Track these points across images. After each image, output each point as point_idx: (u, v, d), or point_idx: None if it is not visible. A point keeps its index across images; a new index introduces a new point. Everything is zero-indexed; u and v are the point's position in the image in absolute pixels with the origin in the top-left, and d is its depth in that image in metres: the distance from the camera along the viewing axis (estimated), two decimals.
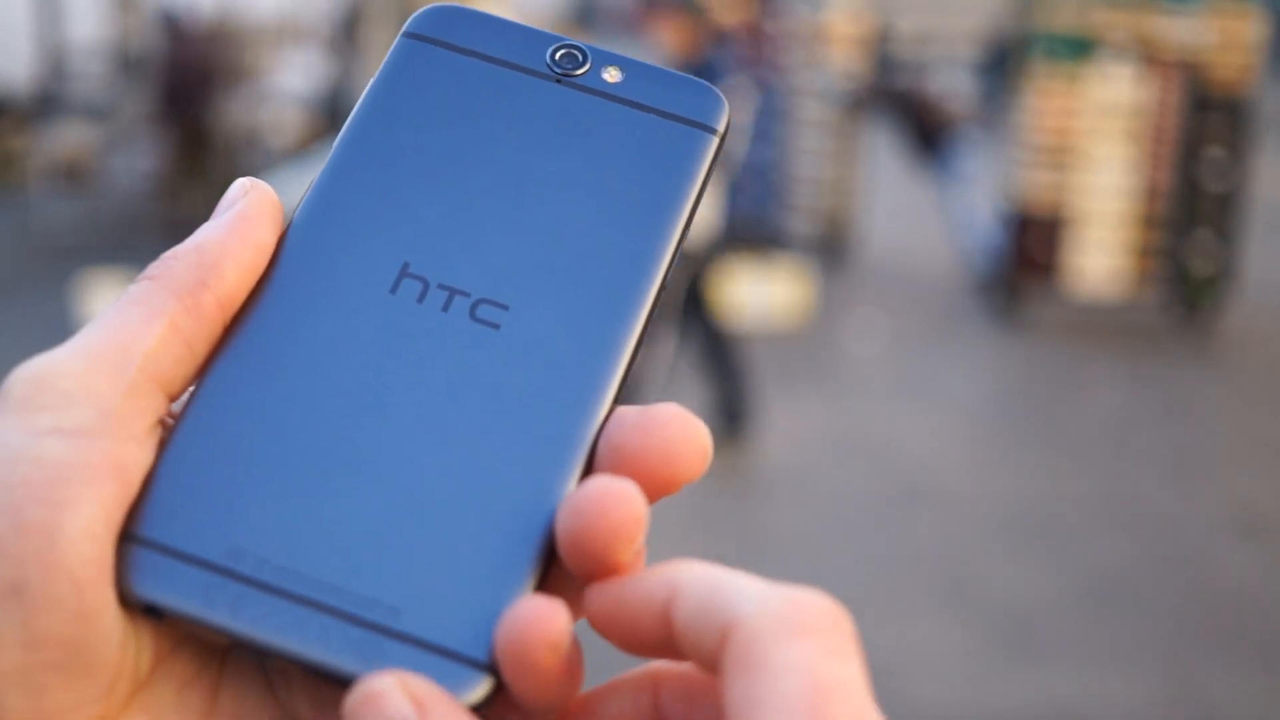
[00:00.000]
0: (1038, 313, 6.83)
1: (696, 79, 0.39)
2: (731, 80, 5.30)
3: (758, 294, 6.69)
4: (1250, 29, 6.68)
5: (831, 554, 4.12)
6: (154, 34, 9.01)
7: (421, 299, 0.35)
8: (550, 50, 0.39)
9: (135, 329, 0.33)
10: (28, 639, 0.29)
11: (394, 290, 0.35)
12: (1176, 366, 6.21)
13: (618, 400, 0.35)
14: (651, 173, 0.38)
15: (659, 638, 0.31)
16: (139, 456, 0.32)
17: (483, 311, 0.35)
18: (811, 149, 7.70)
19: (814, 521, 4.36)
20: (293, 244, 0.36)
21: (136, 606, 0.32)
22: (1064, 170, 6.72)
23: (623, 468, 0.33)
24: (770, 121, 7.32)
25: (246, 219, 0.36)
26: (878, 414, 5.43)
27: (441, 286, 0.35)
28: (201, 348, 0.34)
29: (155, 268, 0.35)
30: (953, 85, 16.34)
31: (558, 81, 0.39)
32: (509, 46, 0.39)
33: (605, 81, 0.39)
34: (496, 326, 0.35)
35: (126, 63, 11.81)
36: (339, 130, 0.38)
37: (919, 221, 9.40)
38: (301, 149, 8.58)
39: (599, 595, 0.32)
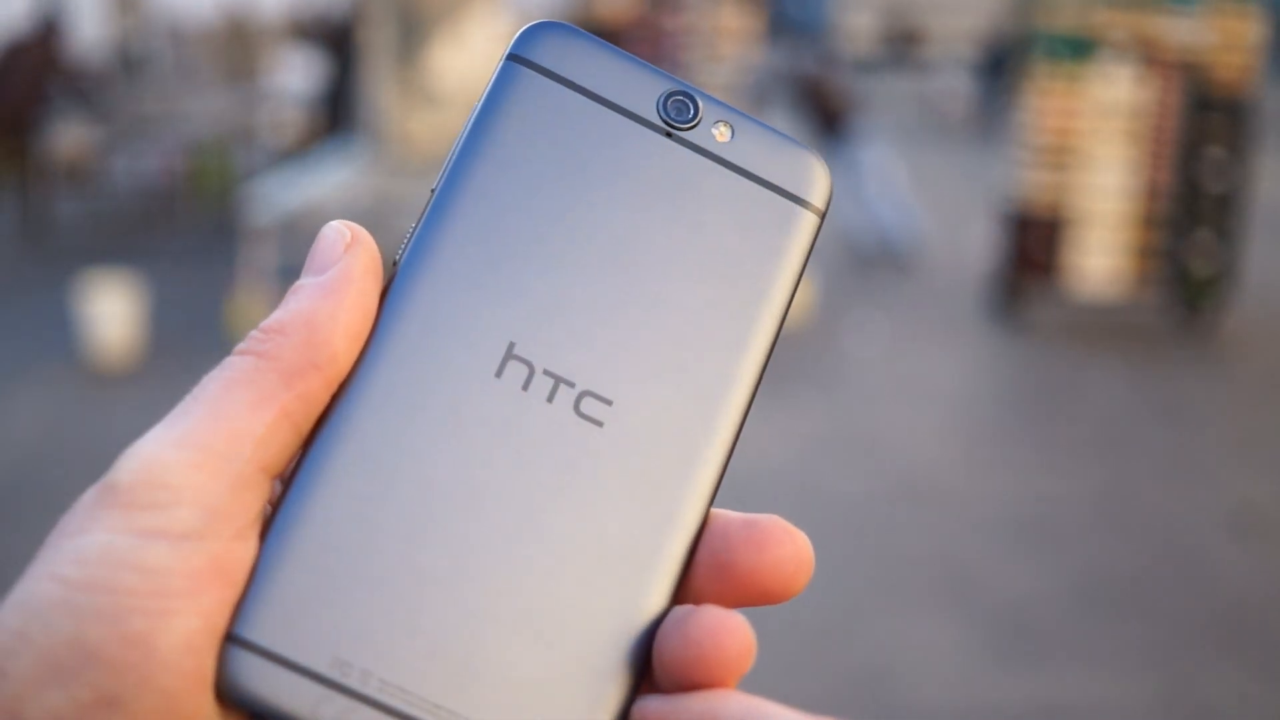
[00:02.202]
0: (1038, 313, 6.83)
1: (802, 145, 0.38)
2: None
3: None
4: (1250, 29, 6.68)
5: (830, 554, 4.12)
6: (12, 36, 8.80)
7: (526, 386, 0.34)
8: (662, 96, 0.37)
9: (244, 416, 0.32)
10: None
11: (499, 374, 0.34)
12: (1176, 367, 6.21)
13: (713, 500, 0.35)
14: (755, 251, 0.36)
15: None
16: (244, 554, 0.32)
17: (587, 406, 0.34)
18: None
19: (813, 521, 4.36)
20: (397, 306, 0.35)
21: (240, 711, 0.31)
22: (1064, 170, 6.72)
23: (730, 582, 0.35)
24: None
25: (355, 285, 0.35)
26: (878, 414, 5.43)
27: (547, 373, 0.34)
28: (307, 428, 0.34)
29: (263, 343, 0.34)
30: (952, 85, 16.34)
31: (668, 135, 0.37)
32: (620, 85, 0.37)
33: (714, 139, 0.37)
34: (600, 424, 0.34)
35: (127, 63, 11.80)
36: (342, 131, 0.37)
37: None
38: (300, 149, 8.58)
39: (647, 713, 0.33)
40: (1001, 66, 14.30)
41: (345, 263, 0.35)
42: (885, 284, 7.53)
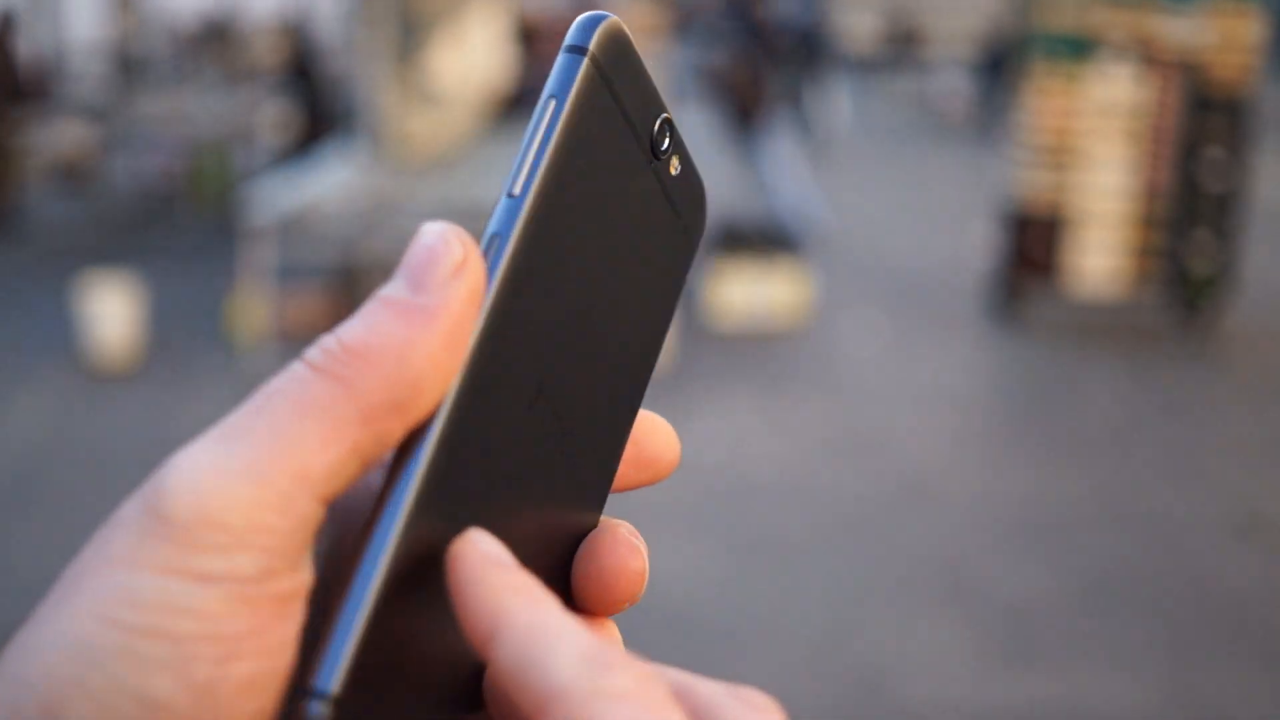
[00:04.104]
0: (1037, 312, 6.83)
1: (700, 177, 0.39)
2: None
3: (758, 294, 6.69)
4: (1250, 29, 6.68)
5: (831, 554, 4.12)
6: None
7: (543, 423, 0.35)
8: (657, 120, 0.37)
9: (314, 451, 0.30)
10: None
11: (529, 409, 0.34)
12: (1176, 366, 6.21)
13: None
14: (670, 284, 0.38)
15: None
16: (300, 586, 0.30)
17: (567, 428, 0.36)
18: None
19: (813, 521, 4.36)
20: (478, 338, 0.33)
21: None
22: (1064, 170, 6.72)
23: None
24: None
25: (456, 320, 0.31)
26: (877, 414, 5.43)
27: (555, 414, 0.35)
28: (375, 464, 0.31)
29: (344, 365, 0.30)
30: (952, 85, 16.34)
31: (650, 163, 0.37)
32: (639, 101, 0.36)
33: (669, 174, 0.37)
34: (572, 434, 0.36)
35: (126, 63, 11.80)
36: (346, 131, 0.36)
37: (910, 221, 9.41)
38: (299, 149, 8.58)
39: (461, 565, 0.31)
40: (1001, 66, 14.29)
41: (451, 291, 0.31)
42: (885, 284, 7.53)
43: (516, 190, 0.33)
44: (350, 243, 5.95)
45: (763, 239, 7.10)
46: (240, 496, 0.29)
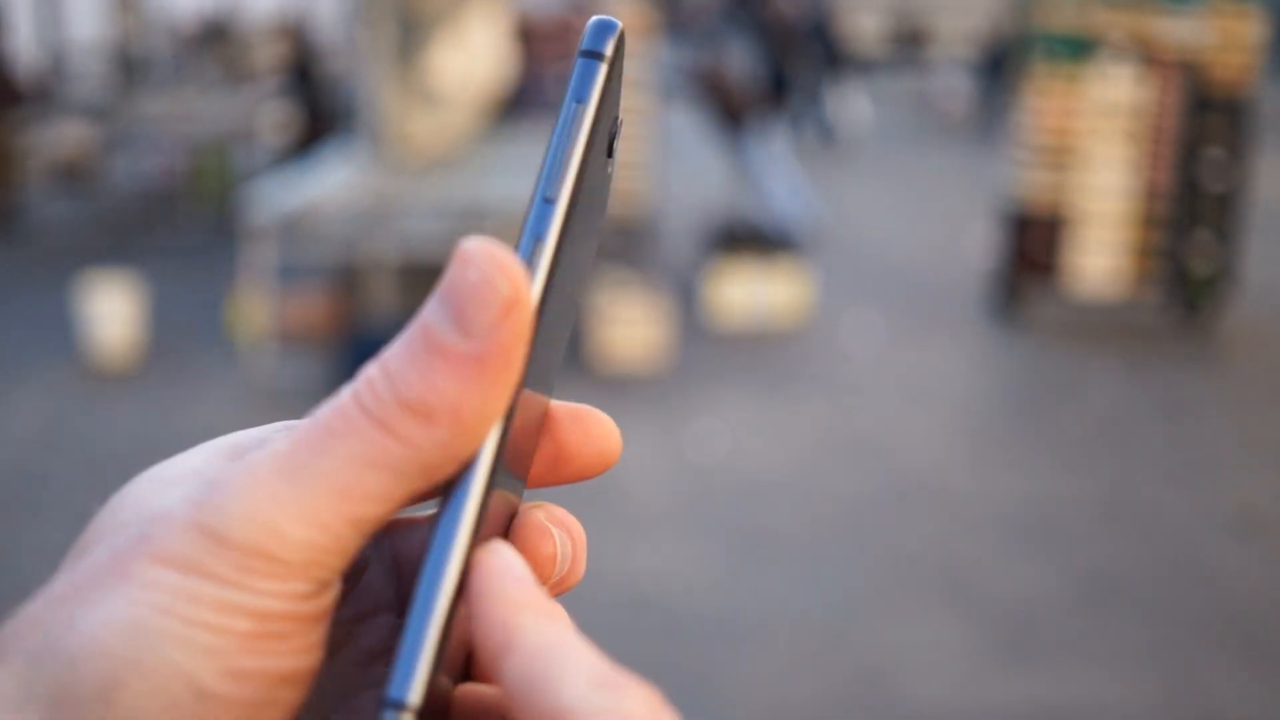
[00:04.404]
0: (1038, 313, 6.83)
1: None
2: None
3: (757, 294, 6.69)
4: (1250, 29, 6.68)
5: (831, 554, 4.12)
6: None
7: (532, 417, 0.36)
8: (618, 118, 0.38)
9: (371, 501, 0.31)
10: None
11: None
12: (1176, 366, 6.21)
13: None
14: (590, 261, 0.40)
15: (487, 678, 0.32)
16: (336, 596, 0.32)
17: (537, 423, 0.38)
18: (629, 135, 7.86)
19: (813, 521, 4.36)
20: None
21: None
22: (1064, 170, 6.72)
23: (561, 458, 0.38)
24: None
25: (511, 367, 0.32)
26: (877, 414, 5.43)
27: (539, 406, 0.36)
28: (422, 500, 0.33)
29: (405, 425, 0.31)
30: (952, 85, 16.34)
31: (610, 155, 0.38)
32: (617, 100, 0.37)
33: (612, 167, 0.39)
34: None
35: (126, 63, 11.80)
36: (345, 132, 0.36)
37: (910, 221, 9.41)
38: (300, 149, 8.58)
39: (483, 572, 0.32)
40: (1001, 66, 14.30)
41: (505, 336, 0.31)
42: (885, 284, 7.53)
43: (552, 194, 0.34)
44: (350, 243, 5.95)
45: (761, 239, 7.11)
46: (299, 539, 0.31)
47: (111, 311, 5.74)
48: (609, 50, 0.35)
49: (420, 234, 5.77)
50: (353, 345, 5.49)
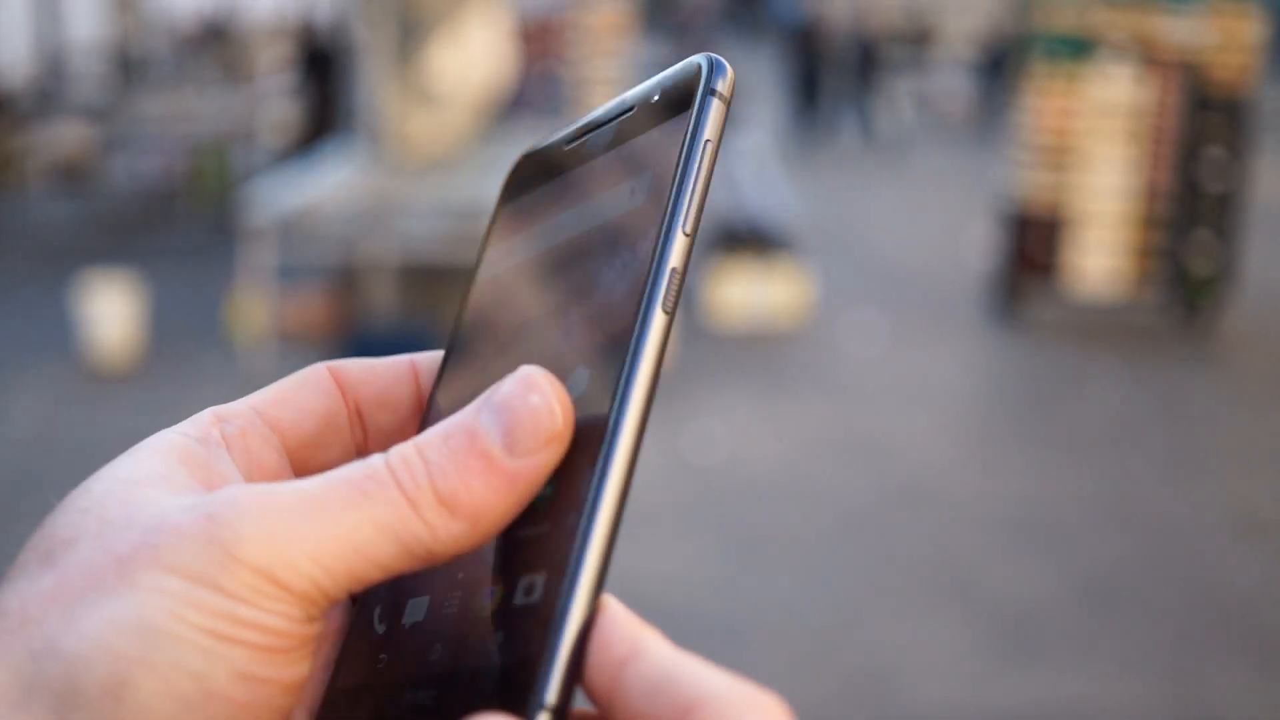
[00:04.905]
0: (1038, 313, 6.83)
1: None
2: None
3: (757, 294, 6.69)
4: (1250, 29, 6.68)
5: (831, 554, 4.12)
6: None
7: None
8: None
9: (378, 565, 0.33)
10: None
11: None
12: (1176, 366, 6.21)
13: None
14: None
15: (600, 684, 0.32)
16: (336, 625, 0.36)
17: None
18: None
19: (813, 522, 4.36)
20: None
21: None
22: (1064, 170, 6.72)
23: None
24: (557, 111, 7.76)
25: (537, 484, 0.34)
26: (878, 414, 5.43)
27: None
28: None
29: (432, 512, 0.33)
30: (952, 84, 16.34)
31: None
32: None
33: None
34: None
35: (126, 63, 11.80)
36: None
37: (910, 221, 9.41)
38: (309, 146, 8.58)
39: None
40: (1001, 66, 14.30)
41: (541, 459, 0.34)
42: (885, 284, 7.53)
43: (689, 229, 0.37)
44: (350, 243, 5.95)
45: (761, 239, 7.11)
46: (304, 573, 0.32)
47: (110, 311, 5.74)
48: (728, 92, 0.38)
49: (419, 234, 5.77)
50: (352, 345, 5.49)
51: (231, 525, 0.32)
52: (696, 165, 0.37)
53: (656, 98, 0.40)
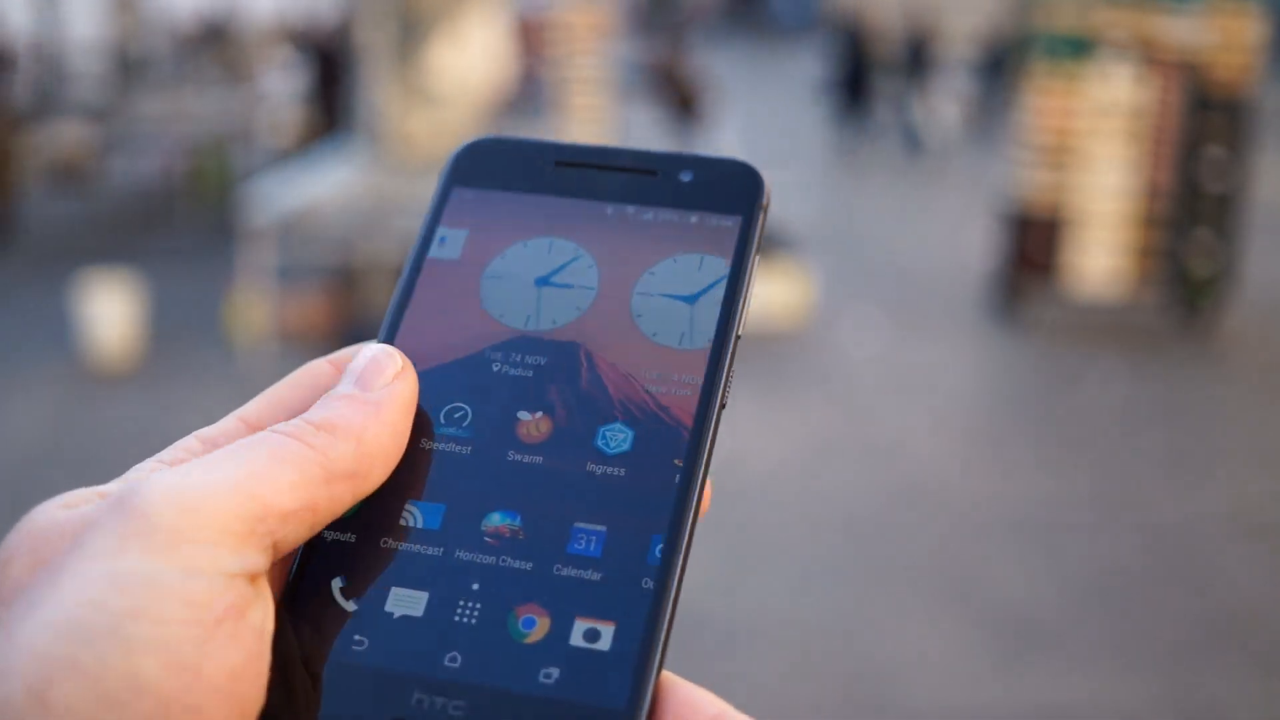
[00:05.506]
0: (1038, 313, 6.83)
1: None
2: None
3: (757, 294, 6.68)
4: (1250, 29, 6.68)
5: (831, 554, 4.12)
6: None
7: None
8: None
9: (280, 491, 0.34)
10: None
11: None
12: (1176, 366, 6.21)
13: None
14: None
15: None
16: (266, 610, 0.34)
17: None
18: (585, 136, 7.92)
19: (813, 522, 4.36)
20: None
21: None
22: (1064, 170, 6.71)
23: None
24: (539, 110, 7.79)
25: (401, 412, 0.37)
26: (878, 415, 5.42)
27: None
28: (320, 527, 0.36)
29: (312, 436, 0.35)
30: (952, 84, 16.34)
31: None
32: None
33: None
34: None
35: (126, 63, 11.79)
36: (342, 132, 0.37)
37: (910, 221, 9.41)
38: (298, 149, 8.58)
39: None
40: (1001, 66, 14.29)
41: (395, 389, 0.38)
42: (885, 284, 7.53)
43: (741, 330, 0.41)
44: (350, 243, 5.95)
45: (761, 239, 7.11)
46: (218, 505, 0.33)
47: (110, 311, 5.73)
48: (768, 201, 0.42)
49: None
50: (351, 345, 5.48)
51: (138, 493, 0.32)
52: (748, 273, 0.41)
53: (689, 178, 0.42)
